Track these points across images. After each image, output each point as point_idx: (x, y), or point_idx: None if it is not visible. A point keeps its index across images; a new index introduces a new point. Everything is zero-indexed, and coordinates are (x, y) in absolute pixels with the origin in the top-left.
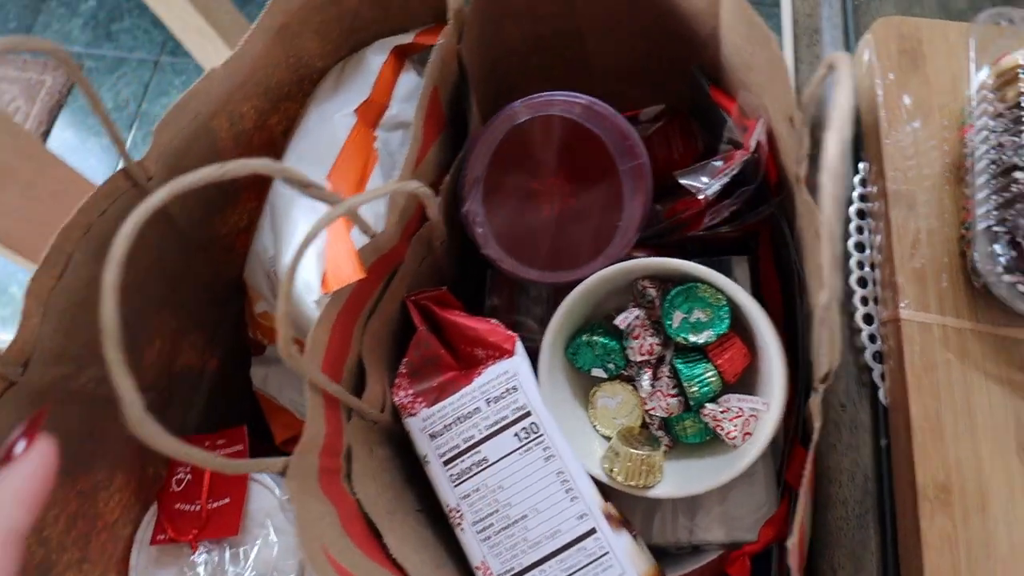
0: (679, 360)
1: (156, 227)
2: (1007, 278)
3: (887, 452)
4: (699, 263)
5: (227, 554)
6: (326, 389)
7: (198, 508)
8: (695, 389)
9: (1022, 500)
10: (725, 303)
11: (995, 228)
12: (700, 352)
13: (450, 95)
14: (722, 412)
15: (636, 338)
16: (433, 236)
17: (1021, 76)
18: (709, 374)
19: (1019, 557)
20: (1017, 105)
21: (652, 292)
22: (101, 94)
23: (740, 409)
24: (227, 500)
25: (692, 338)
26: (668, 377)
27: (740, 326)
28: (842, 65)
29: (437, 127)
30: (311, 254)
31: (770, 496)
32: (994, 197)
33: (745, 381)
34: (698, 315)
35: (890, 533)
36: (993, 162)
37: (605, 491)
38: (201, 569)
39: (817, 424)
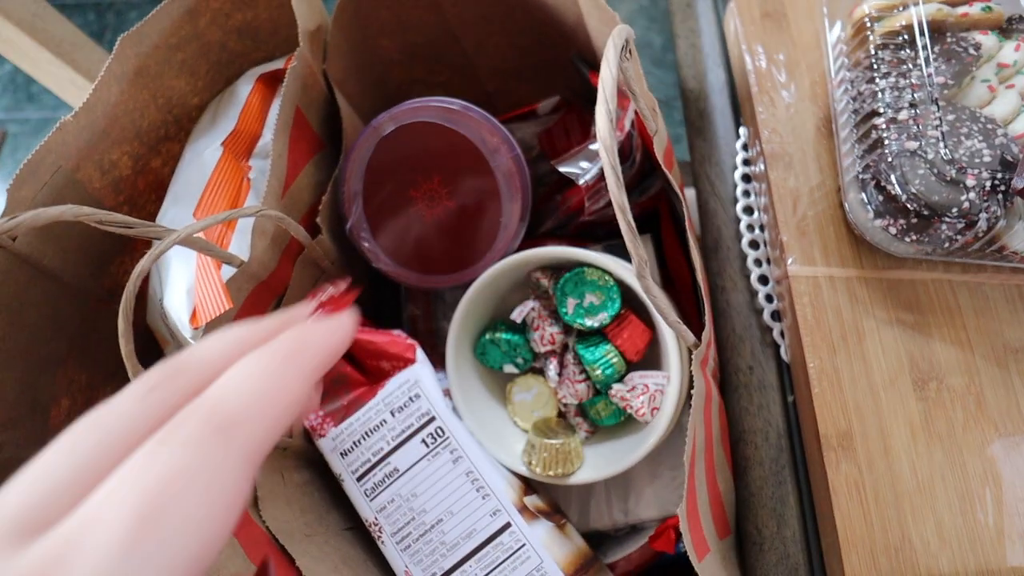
0: (580, 345)
1: (34, 285)
2: (878, 222)
3: (795, 407)
4: (602, 247)
5: None
6: None
7: None
8: (599, 372)
9: (922, 435)
10: (613, 283)
11: (862, 176)
12: (600, 335)
13: (322, 115)
14: (628, 391)
15: (536, 329)
16: (318, 257)
17: (869, 26)
18: (610, 355)
19: (925, 490)
20: (870, 54)
21: (545, 282)
22: (14, 153)
23: (645, 385)
24: None
25: (588, 322)
26: (573, 364)
27: (640, 305)
28: (610, 40)
29: (310, 148)
30: (182, 291)
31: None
32: (858, 145)
33: (652, 357)
34: (590, 299)
35: (805, 485)
36: (854, 111)
37: (532, 485)
38: None
39: (693, 390)
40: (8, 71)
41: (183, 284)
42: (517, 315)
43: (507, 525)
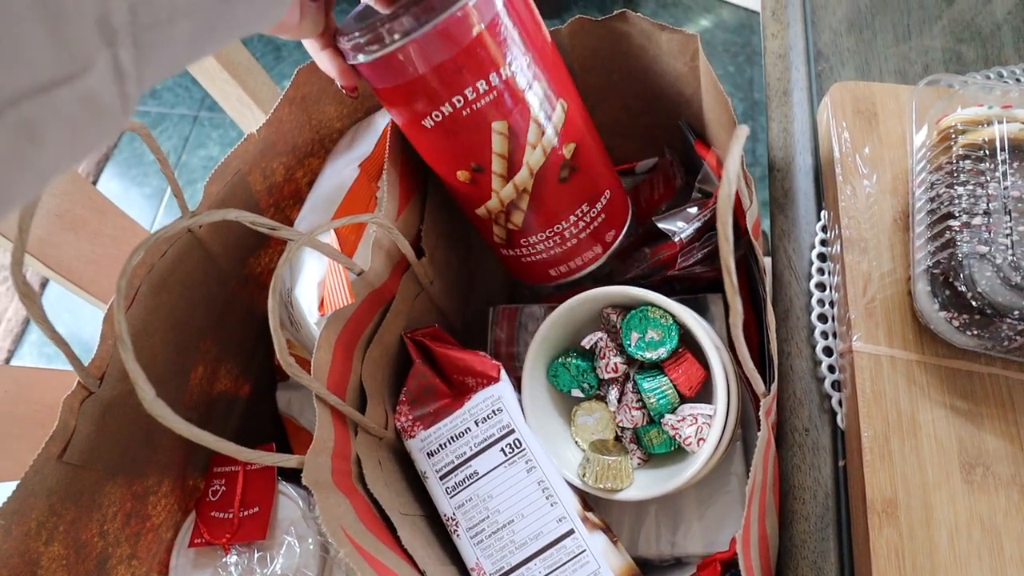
0: (640, 376)
1: (202, 265)
2: (943, 314)
3: (845, 471)
4: (677, 299)
5: (256, 556)
6: (330, 402)
7: (231, 516)
8: (653, 400)
9: (964, 513)
10: (673, 323)
11: (932, 270)
12: (658, 369)
13: None
14: (679, 421)
15: (603, 358)
16: (420, 274)
17: (953, 137)
18: (665, 387)
19: (962, 564)
20: (951, 162)
21: (614, 318)
22: (143, 149)
23: (694, 416)
24: (257, 509)
25: (648, 354)
26: (632, 392)
27: (697, 347)
28: (736, 137)
29: (420, 181)
30: (313, 284)
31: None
32: (931, 242)
33: (704, 396)
34: (652, 334)
35: (847, 545)
36: (931, 211)
37: (588, 504)
38: (233, 569)
39: (759, 432)
40: None
41: (314, 278)
42: (587, 342)
43: (571, 531)
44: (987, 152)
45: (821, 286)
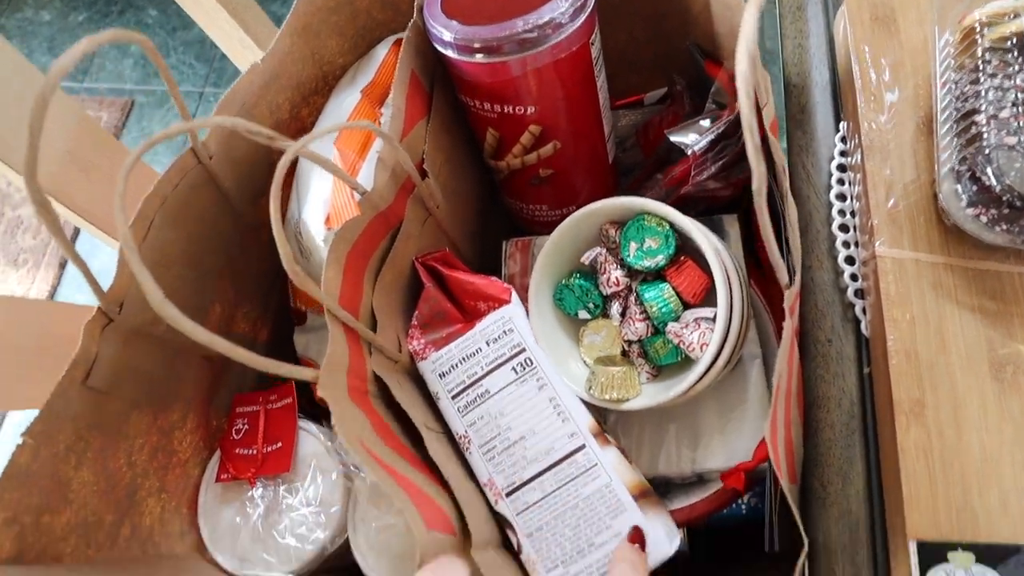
0: (642, 287)
1: (214, 204)
2: (970, 211)
3: (870, 379)
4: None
5: (281, 489)
6: (341, 317)
7: (255, 452)
8: (656, 308)
9: (994, 413)
10: (670, 228)
11: (958, 168)
12: (660, 278)
13: (432, 77)
14: (683, 328)
15: (604, 273)
16: (426, 197)
17: (979, 31)
18: (667, 294)
19: (992, 463)
20: (977, 57)
21: (612, 232)
22: (152, 127)
23: (697, 322)
24: (279, 444)
25: (647, 263)
26: (635, 304)
27: (701, 257)
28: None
29: (424, 106)
30: (319, 201)
31: (765, 421)
32: (957, 139)
33: (712, 304)
34: (649, 243)
35: (873, 450)
36: (956, 109)
37: (603, 427)
38: (260, 501)
39: (788, 321)
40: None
41: (321, 196)
42: (586, 258)
43: (582, 446)
44: (1015, 43)
45: (841, 196)
